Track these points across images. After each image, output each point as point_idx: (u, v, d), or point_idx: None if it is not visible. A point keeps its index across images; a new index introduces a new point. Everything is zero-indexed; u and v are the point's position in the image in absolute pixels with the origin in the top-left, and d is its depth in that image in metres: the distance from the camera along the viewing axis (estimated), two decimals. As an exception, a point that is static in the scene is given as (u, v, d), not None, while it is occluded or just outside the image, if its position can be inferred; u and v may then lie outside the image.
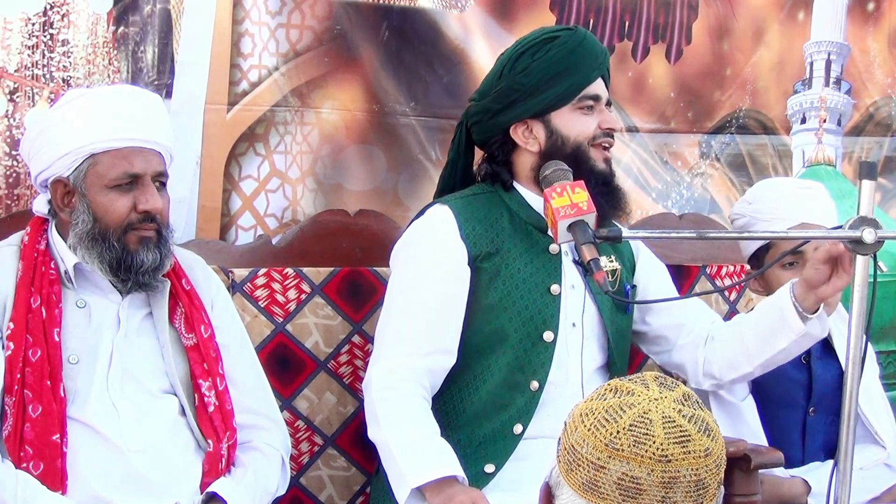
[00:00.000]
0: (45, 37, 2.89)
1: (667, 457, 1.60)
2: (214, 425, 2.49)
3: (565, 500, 1.67)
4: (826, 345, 3.04)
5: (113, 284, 2.47)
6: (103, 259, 2.42)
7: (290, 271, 2.98)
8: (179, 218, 3.03)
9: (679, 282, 3.25)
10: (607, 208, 2.66)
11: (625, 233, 2.26)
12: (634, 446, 1.61)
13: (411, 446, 2.53)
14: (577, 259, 2.73)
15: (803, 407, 3.01)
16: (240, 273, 2.92)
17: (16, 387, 2.34)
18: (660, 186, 3.89)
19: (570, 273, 2.73)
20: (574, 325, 2.72)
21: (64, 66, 2.92)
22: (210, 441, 2.48)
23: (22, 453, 2.33)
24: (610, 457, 1.62)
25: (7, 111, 2.88)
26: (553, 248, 2.72)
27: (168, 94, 3.05)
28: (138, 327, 2.50)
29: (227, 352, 2.58)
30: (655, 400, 1.65)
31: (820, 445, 3.01)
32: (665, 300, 2.84)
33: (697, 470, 1.62)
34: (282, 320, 2.96)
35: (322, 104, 3.30)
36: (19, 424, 2.33)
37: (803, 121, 4.14)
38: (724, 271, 3.48)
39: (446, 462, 2.50)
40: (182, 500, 2.42)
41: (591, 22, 3.71)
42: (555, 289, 2.69)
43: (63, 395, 2.37)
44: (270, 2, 3.20)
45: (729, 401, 2.99)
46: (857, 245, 2.09)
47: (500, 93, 2.74)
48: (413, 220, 2.81)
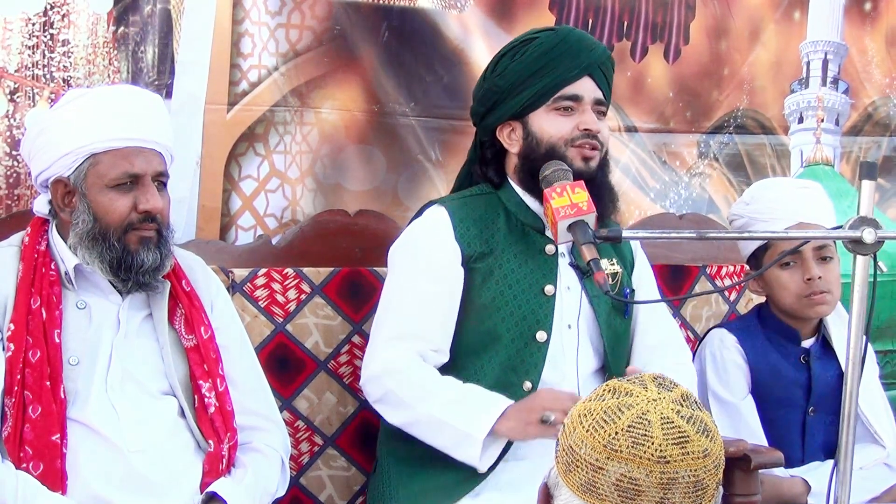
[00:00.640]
0: (45, 37, 2.89)
1: (665, 458, 1.60)
2: (215, 426, 2.49)
3: (564, 501, 1.67)
4: (825, 345, 3.05)
5: (113, 285, 2.47)
6: (104, 259, 2.42)
7: (290, 271, 2.98)
8: (179, 218, 3.02)
9: (679, 282, 3.25)
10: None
11: (625, 233, 2.25)
12: (633, 447, 1.61)
13: (455, 405, 2.54)
14: (573, 262, 2.73)
15: (803, 407, 3.02)
16: (240, 273, 2.92)
17: (16, 388, 2.34)
18: (658, 186, 3.89)
19: (566, 275, 2.73)
20: (570, 326, 2.71)
21: (64, 67, 2.92)
22: (211, 442, 2.48)
23: (22, 454, 2.33)
24: (608, 458, 1.62)
25: (7, 111, 2.88)
26: (549, 249, 2.71)
27: (168, 94, 3.05)
28: (138, 328, 2.50)
29: (227, 353, 2.58)
30: (654, 401, 1.65)
31: (819, 445, 3.01)
32: (664, 300, 2.84)
33: (696, 471, 1.62)
34: (282, 320, 2.96)
35: (322, 104, 3.30)
36: (19, 425, 2.33)
37: (801, 120, 4.14)
38: (724, 271, 3.48)
39: (493, 400, 2.55)
40: (182, 501, 2.42)
41: (591, 22, 3.71)
42: (549, 289, 2.69)
43: (63, 396, 2.37)
44: (270, 2, 3.20)
45: (728, 401, 2.99)
46: (857, 245, 2.09)
47: (484, 95, 2.79)
48: (412, 220, 2.83)
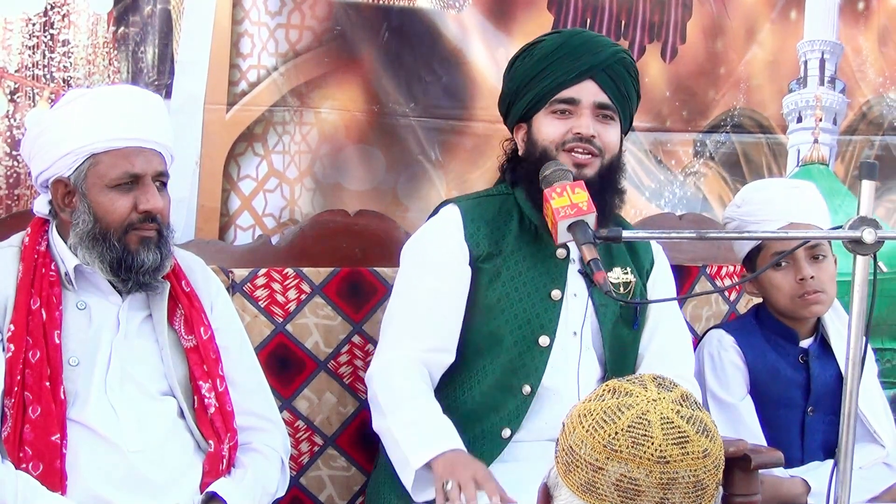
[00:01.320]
0: (45, 37, 2.89)
1: (665, 458, 1.60)
2: (215, 427, 2.49)
3: (564, 501, 1.67)
4: (824, 344, 3.05)
5: (113, 286, 2.47)
6: (104, 259, 2.42)
7: (290, 271, 2.98)
8: (179, 218, 3.02)
9: (679, 282, 3.24)
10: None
11: (625, 233, 2.23)
12: (633, 447, 1.61)
13: (412, 426, 2.52)
14: (582, 269, 2.71)
15: (802, 407, 3.02)
16: (240, 273, 2.92)
17: (16, 388, 2.33)
18: (653, 185, 3.90)
19: (574, 281, 2.71)
20: (575, 333, 2.70)
21: (64, 67, 2.92)
22: (211, 442, 2.48)
23: (21, 454, 2.33)
24: (608, 458, 1.62)
25: (8, 111, 2.88)
26: (560, 254, 2.70)
27: (168, 95, 3.05)
28: (138, 329, 2.50)
29: (226, 354, 2.58)
30: (654, 401, 1.65)
31: (819, 445, 3.01)
32: (664, 300, 2.82)
33: (696, 471, 1.62)
34: (282, 320, 2.96)
35: (321, 104, 3.30)
36: (19, 426, 2.33)
37: (799, 119, 4.14)
38: (724, 271, 3.48)
39: (447, 437, 2.49)
40: (182, 501, 2.42)
41: (589, 21, 3.71)
42: (555, 294, 2.68)
43: (63, 396, 2.37)
44: (270, 2, 3.19)
45: (727, 401, 2.99)
46: (857, 245, 2.08)
47: (501, 97, 2.82)
48: (428, 218, 2.84)
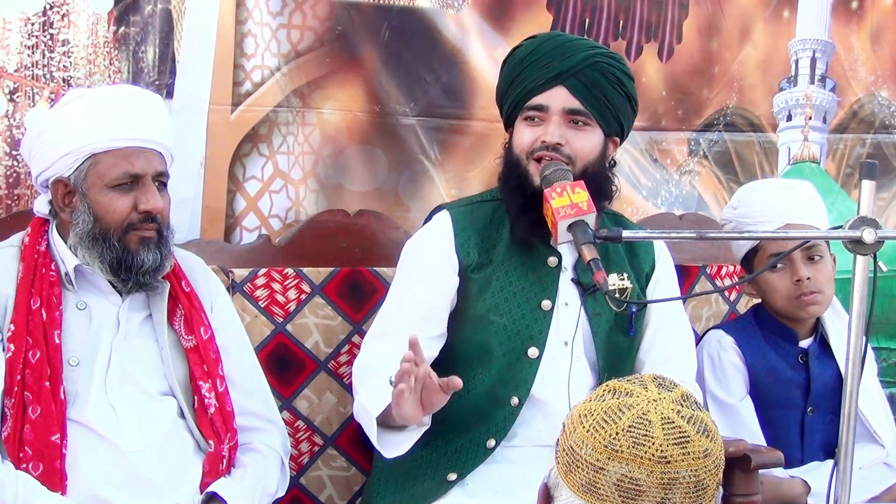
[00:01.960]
0: (44, 37, 2.89)
1: (666, 458, 1.60)
2: (215, 427, 2.49)
3: (564, 502, 1.67)
4: (823, 344, 3.05)
5: (113, 286, 2.47)
6: (104, 259, 2.42)
7: (290, 271, 2.98)
8: (183, 219, 3.03)
9: (679, 282, 3.24)
10: (537, 230, 2.57)
11: (625, 233, 2.22)
12: (634, 447, 1.61)
13: (377, 390, 2.46)
14: (576, 278, 2.68)
15: (801, 407, 3.02)
16: (240, 273, 2.92)
17: (16, 388, 2.34)
18: (650, 184, 3.90)
19: (565, 290, 2.68)
20: (566, 343, 2.67)
21: (64, 66, 2.92)
22: (211, 442, 2.48)
23: (21, 454, 2.33)
24: (609, 458, 1.62)
25: (7, 111, 2.88)
26: (551, 262, 2.67)
27: (169, 95, 3.04)
28: (138, 329, 2.50)
29: (226, 354, 2.58)
30: (654, 401, 1.65)
31: (819, 445, 3.01)
32: (663, 300, 2.81)
33: (697, 471, 1.62)
34: (282, 320, 2.96)
35: (323, 105, 3.30)
36: (19, 426, 2.34)
37: (789, 118, 4.15)
38: (724, 271, 3.48)
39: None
40: (182, 501, 2.42)
41: (587, 21, 3.71)
42: (546, 304, 2.65)
43: (63, 396, 2.37)
44: (272, 2, 3.19)
45: (727, 402, 2.99)
46: (856, 245, 2.08)
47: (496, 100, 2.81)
48: (423, 223, 2.82)
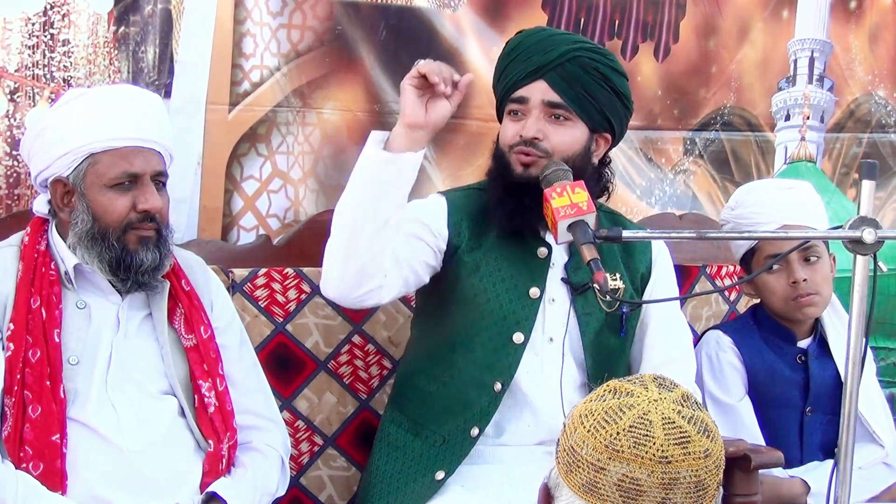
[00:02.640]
0: (45, 37, 2.89)
1: (667, 458, 1.60)
2: (215, 426, 2.49)
3: (565, 502, 1.67)
4: (822, 344, 3.05)
5: (113, 285, 2.47)
6: (103, 259, 2.42)
7: (290, 271, 2.98)
8: (181, 218, 3.03)
9: (679, 282, 3.24)
10: (521, 222, 2.62)
11: (625, 233, 2.23)
12: (635, 447, 1.61)
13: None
14: (566, 277, 2.70)
15: (800, 407, 3.02)
16: (240, 273, 2.92)
17: (16, 388, 2.34)
18: (644, 184, 3.90)
19: (553, 286, 2.69)
20: (552, 340, 2.68)
21: (64, 66, 2.92)
22: (211, 441, 2.48)
23: (21, 454, 2.33)
24: (610, 458, 1.62)
25: (7, 111, 2.88)
26: (541, 252, 2.69)
27: (167, 94, 3.05)
28: (138, 328, 2.50)
29: (226, 353, 2.58)
30: (655, 401, 1.65)
31: (818, 445, 3.01)
32: (663, 300, 2.81)
33: (697, 471, 1.62)
34: (282, 320, 2.96)
35: (323, 104, 3.30)
36: (19, 425, 2.33)
37: (787, 118, 4.16)
38: (724, 271, 3.49)
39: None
40: (182, 501, 2.42)
41: (583, 21, 3.72)
42: (534, 292, 2.66)
43: (63, 395, 2.37)
44: (272, 2, 3.20)
45: (725, 402, 2.99)
46: (856, 245, 2.08)
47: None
48: None
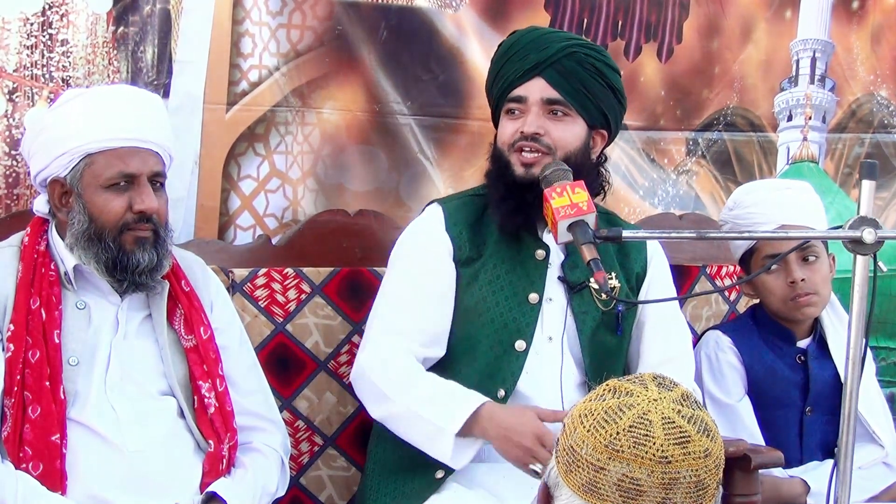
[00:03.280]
0: (44, 37, 2.89)
1: (667, 458, 1.60)
2: (215, 427, 2.49)
3: (564, 502, 1.66)
4: (822, 344, 3.05)
5: (111, 286, 2.47)
6: (99, 259, 2.42)
7: (290, 271, 2.98)
8: (177, 217, 3.03)
9: (679, 282, 3.24)
10: (522, 221, 2.63)
11: (625, 233, 2.24)
12: (634, 447, 1.60)
13: (432, 399, 2.50)
14: (563, 276, 2.70)
15: (800, 407, 3.02)
16: (240, 273, 2.92)
17: (15, 388, 2.34)
18: (647, 184, 3.90)
19: (550, 286, 2.69)
20: (551, 339, 2.68)
21: (63, 66, 2.92)
22: (211, 442, 2.48)
23: (21, 454, 2.33)
24: (610, 458, 1.61)
25: (6, 111, 2.87)
26: (539, 254, 2.69)
27: (166, 94, 3.04)
28: (137, 329, 2.50)
29: (226, 353, 2.58)
30: (655, 401, 1.64)
31: (817, 445, 3.01)
32: (662, 300, 2.81)
33: (697, 471, 1.62)
34: (282, 320, 2.96)
35: (323, 104, 3.30)
36: (18, 425, 2.34)
37: (790, 118, 4.16)
38: (724, 271, 3.49)
39: (471, 395, 2.49)
40: (182, 501, 2.42)
41: (585, 21, 3.71)
42: (533, 298, 2.66)
43: (63, 396, 2.37)
44: (271, 2, 3.19)
45: (725, 402, 2.99)
46: (856, 245, 2.08)
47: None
48: (414, 218, 2.83)
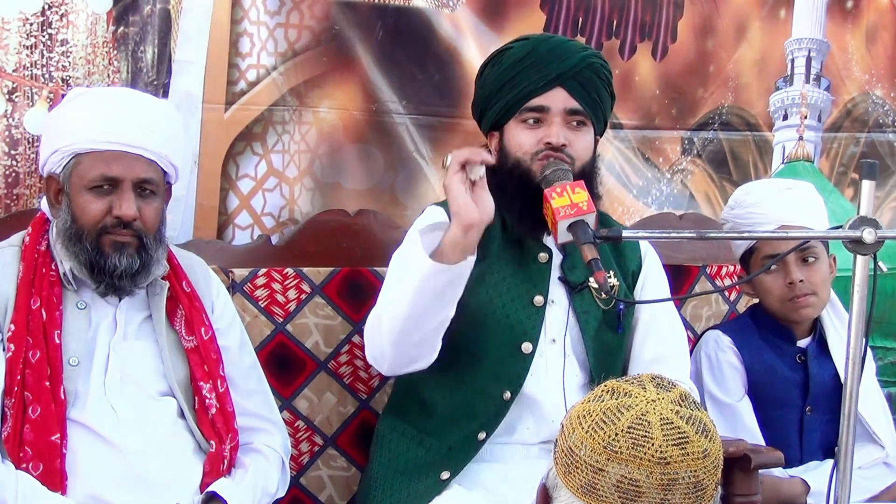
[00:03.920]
0: (43, 37, 2.88)
1: (665, 459, 1.60)
2: (216, 427, 2.49)
3: (563, 502, 1.67)
4: (822, 344, 3.05)
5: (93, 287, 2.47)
6: (79, 259, 2.42)
7: (290, 271, 2.98)
8: (176, 217, 3.03)
9: (679, 282, 3.25)
10: (540, 228, 2.59)
11: (625, 233, 2.24)
12: (633, 448, 1.61)
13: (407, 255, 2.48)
14: (563, 276, 2.70)
15: (800, 406, 3.02)
16: (240, 273, 2.92)
17: (16, 388, 2.34)
18: (641, 183, 3.91)
19: (552, 288, 2.69)
20: (554, 340, 2.68)
21: (63, 66, 2.91)
22: (212, 442, 2.48)
23: (21, 454, 2.33)
24: (609, 459, 1.62)
25: (6, 111, 2.87)
26: (542, 257, 2.68)
27: (165, 94, 3.04)
28: (137, 330, 2.50)
29: (227, 354, 2.59)
30: (653, 401, 1.65)
31: (817, 444, 3.02)
32: (662, 300, 2.81)
33: (696, 471, 1.62)
34: (282, 320, 2.96)
35: (320, 104, 3.30)
36: (19, 426, 2.34)
37: (785, 117, 4.17)
38: (724, 271, 3.49)
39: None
40: (182, 501, 2.42)
41: (580, 21, 3.72)
42: (538, 300, 2.66)
43: (63, 396, 2.37)
44: (269, 1, 3.19)
45: (725, 402, 3.00)
46: (856, 245, 2.09)
47: (474, 103, 2.78)
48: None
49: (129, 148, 2.42)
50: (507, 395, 2.63)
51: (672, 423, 1.62)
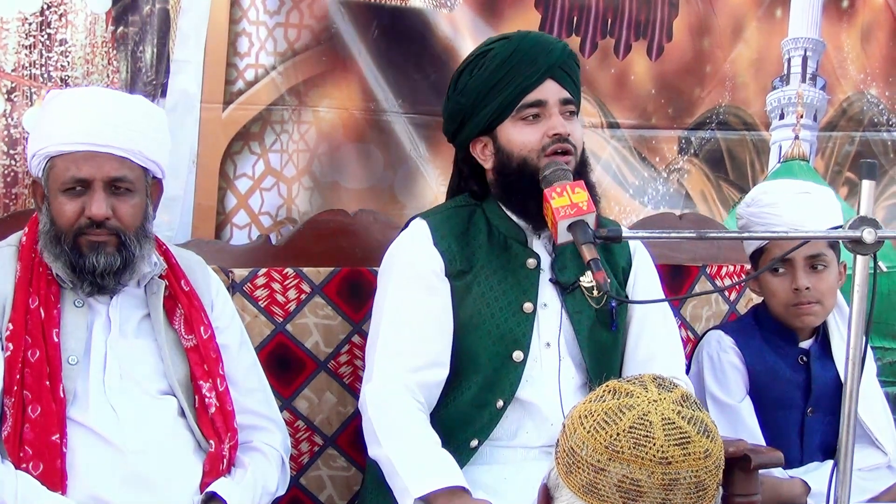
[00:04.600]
0: (42, 36, 2.88)
1: (667, 459, 1.60)
2: (216, 426, 2.49)
3: (564, 503, 1.67)
4: (824, 345, 3.05)
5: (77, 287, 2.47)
6: (60, 259, 2.42)
7: (290, 271, 2.98)
8: (174, 216, 3.03)
9: (679, 282, 3.25)
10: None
11: (625, 233, 2.25)
12: (635, 448, 1.61)
13: (412, 457, 2.46)
14: (554, 278, 2.69)
15: (801, 407, 3.02)
16: (240, 273, 2.92)
17: (15, 388, 2.34)
18: (637, 182, 3.91)
19: (544, 291, 2.68)
20: (548, 344, 2.67)
21: (62, 66, 2.91)
22: (212, 442, 2.48)
23: (21, 454, 2.33)
24: (610, 459, 1.62)
25: (5, 110, 2.87)
26: (531, 263, 2.67)
27: (163, 94, 3.04)
28: (136, 328, 2.50)
29: (227, 353, 2.58)
30: (654, 401, 1.64)
31: (818, 445, 3.01)
32: (662, 300, 2.81)
33: (697, 472, 1.62)
34: (282, 320, 2.96)
35: (319, 103, 3.30)
36: (18, 425, 2.34)
37: (782, 116, 4.17)
38: (724, 271, 3.49)
39: (449, 472, 2.43)
40: (182, 501, 2.42)
41: (575, 20, 3.72)
42: (527, 307, 2.65)
43: (62, 395, 2.37)
44: (269, 1, 3.19)
45: (726, 402, 2.99)
46: (856, 245, 2.09)
47: (450, 114, 2.76)
48: (398, 233, 2.79)
49: (96, 147, 2.41)
50: (500, 403, 2.63)
51: (674, 423, 1.62)
